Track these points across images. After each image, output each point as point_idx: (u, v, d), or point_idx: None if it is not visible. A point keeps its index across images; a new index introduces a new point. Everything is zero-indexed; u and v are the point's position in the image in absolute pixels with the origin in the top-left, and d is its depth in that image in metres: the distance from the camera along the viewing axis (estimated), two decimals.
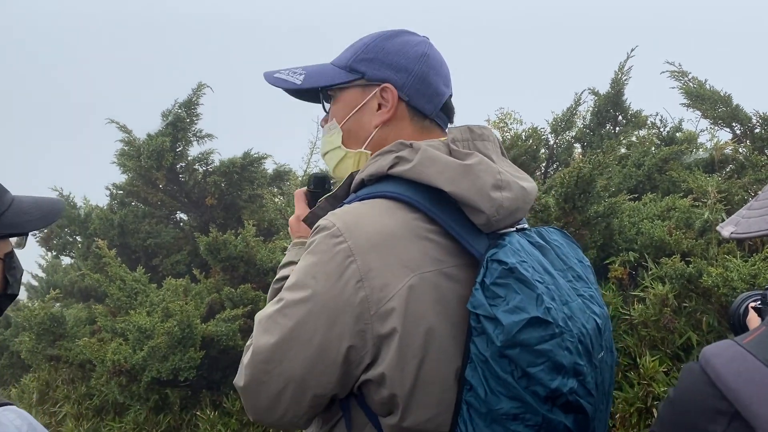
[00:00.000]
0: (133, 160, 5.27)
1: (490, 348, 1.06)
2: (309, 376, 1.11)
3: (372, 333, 1.10)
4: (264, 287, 4.50)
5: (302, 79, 1.35)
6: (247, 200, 5.55)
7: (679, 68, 5.08)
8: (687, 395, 0.94)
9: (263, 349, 1.13)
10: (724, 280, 3.13)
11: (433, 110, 1.31)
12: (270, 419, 1.16)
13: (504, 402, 1.06)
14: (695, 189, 4.12)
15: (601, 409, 1.22)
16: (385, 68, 1.29)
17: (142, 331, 3.99)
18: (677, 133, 5.21)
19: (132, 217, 5.45)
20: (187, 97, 5.18)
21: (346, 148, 1.35)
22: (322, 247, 1.14)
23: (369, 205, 1.18)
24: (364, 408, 1.16)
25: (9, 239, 1.33)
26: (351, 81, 1.32)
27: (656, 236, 3.67)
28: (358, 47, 1.34)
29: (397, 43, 1.31)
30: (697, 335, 3.33)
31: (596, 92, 5.36)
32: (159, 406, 4.31)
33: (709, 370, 0.91)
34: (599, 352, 1.19)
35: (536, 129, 5.15)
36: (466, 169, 1.15)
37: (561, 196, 3.56)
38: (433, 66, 1.31)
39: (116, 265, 4.54)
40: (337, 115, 1.36)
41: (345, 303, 1.10)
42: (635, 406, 3.16)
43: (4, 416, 1.08)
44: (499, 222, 1.16)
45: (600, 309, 1.23)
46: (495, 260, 1.10)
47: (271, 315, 1.15)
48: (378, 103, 1.31)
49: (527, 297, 1.08)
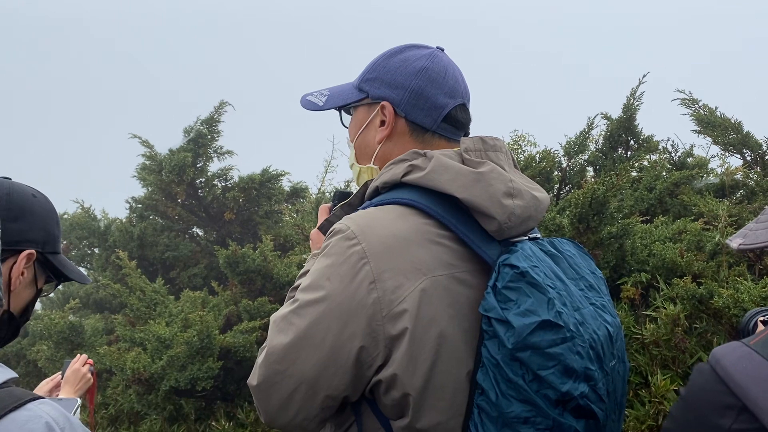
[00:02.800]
0: (154, 174, 5.40)
1: (501, 351, 1.07)
2: (321, 376, 1.12)
3: (384, 334, 1.11)
4: (280, 300, 4.59)
5: (325, 100, 1.43)
6: (263, 216, 5.66)
7: (689, 96, 5.19)
8: (698, 392, 1.00)
9: (277, 349, 1.14)
10: (734, 302, 3.19)
11: (433, 123, 1.33)
12: (281, 420, 1.17)
13: (515, 405, 1.07)
14: (706, 213, 4.20)
15: (613, 419, 1.21)
16: (384, 86, 1.34)
17: (162, 340, 4.07)
18: (688, 158, 5.30)
19: (151, 230, 5.57)
20: (209, 114, 5.31)
21: (358, 164, 1.41)
22: (337, 250, 1.16)
23: (383, 210, 1.21)
24: (376, 412, 1.17)
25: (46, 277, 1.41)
26: (360, 100, 1.38)
27: (668, 258, 3.74)
28: (367, 67, 1.39)
29: (398, 61, 1.35)
30: (707, 355, 3.38)
31: (608, 117, 5.46)
32: (174, 416, 4.38)
33: (719, 368, 0.97)
34: (611, 360, 1.20)
35: (549, 151, 5.25)
36: (478, 176, 1.17)
37: (575, 217, 3.65)
38: (433, 79, 1.32)
39: (136, 276, 4.63)
40: (350, 133, 1.42)
41: (358, 304, 1.11)
42: (646, 423, 3.21)
43: (40, 409, 1.07)
44: (510, 229, 1.18)
45: (612, 318, 1.25)
46: (507, 264, 1.11)
47: (285, 315, 1.17)
48: (380, 120, 1.35)
49: (538, 300, 1.09)
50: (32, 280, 1.35)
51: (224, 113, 5.35)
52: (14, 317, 1.33)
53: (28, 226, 1.32)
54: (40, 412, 1.07)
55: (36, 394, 1.12)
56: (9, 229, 1.28)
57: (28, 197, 1.35)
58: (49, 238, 1.37)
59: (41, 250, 1.34)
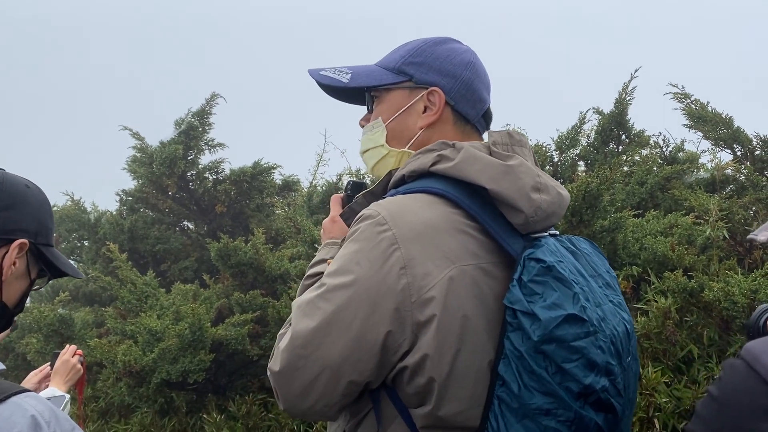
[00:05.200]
0: (144, 167, 5.37)
1: (525, 343, 1.08)
2: (346, 362, 1.11)
3: (411, 320, 1.11)
4: (272, 293, 4.58)
5: (349, 78, 1.39)
6: (255, 209, 5.64)
7: (681, 90, 5.21)
8: (733, 393, 0.90)
9: (302, 333, 1.13)
10: (725, 295, 3.22)
11: (476, 116, 1.36)
12: (301, 407, 1.16)
13: (537, 397, 1.07)
14: (697, 207, 4.22)
15: (627, 414, 1.21)
16: (434, 72, 1.33)
17: (153, 333, 4.05)
18: (679, 153, 5.33)
19: (141, 222, 5.54)
20: (200, 107, 5.29)
21: (389, 147, 1.38)
22: (367, 235, 1.16)
23: (412, 198, 1.21)
24: (395, 400, 1.17)
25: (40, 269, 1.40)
26: (399, 83, 1.36)
27: (659, 251, 3.76)
28: (407, 50, 1.37)
29: (446, 50, 1.36)
30: (698, 348, 3.42)
31: (600, 111, 5.48)
32: (164, 409, 4.36)
33: (759, 366, 0.87)
34: (627, 357, 1.21)
35: (541, 146, 5.26)
36: (507, 169, 1.18)
37: (568, 210, 3.66)
38: (479, 74, 1.36)
39: (127, 269, 4.60)
40: (382, 115, 1.38)
41: (387, 289, 1.11)
42: (637, 415, 3.23)
43: (26, 402, 1.07)
44: (536, 223, 1.19)
45: (628, 316, 1.26)
46: (533, 258, 1.12)
47: (311, 300, 1.16)
48: (424, 106, 1.34)
49: (564, 295, 1.10)
50: (25, 271, 1.33)
51: (215, 105, 5.32)
52: (7, 308, 1.32)
53: (20, 215, 1.30)
54: (25, 405, 1.06)
55: (23, 387, 1.11)
56: (1, 217, 1.27)
57: (22, 187, 1.34)
58: (41, 229, 1.35)
59: (34, 240, 1.32)
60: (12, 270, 1.28)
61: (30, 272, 1.35)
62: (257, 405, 4.12)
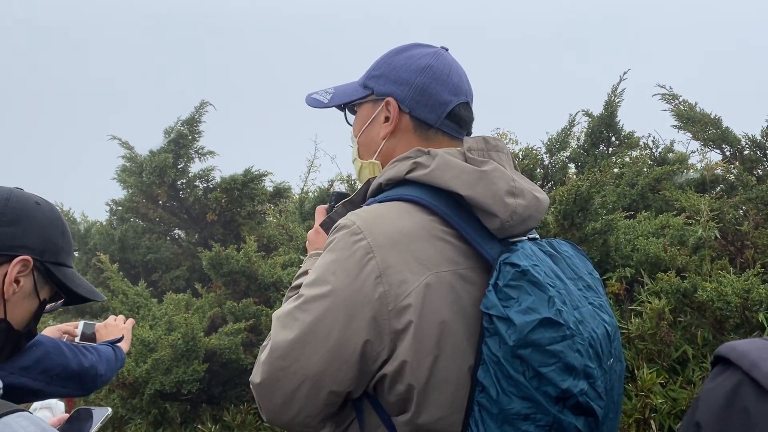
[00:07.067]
0: (134, 176, 5.33)
1: (502, 348, 1.08)
2: (325, 372, 1.12)
3: (389, 328, 1.12)
4: (265, 302, 4.55)
5: (329, 98, 1.45)
6: (246, 217, 5.61)
7: (670, 91, 5.24)
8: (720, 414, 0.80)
9: (281, 345, 1.14)
10: (718, 295, 3.23)
11: (437, 120, 1.34)
12: (284, 419, 1.16)
13: (515, 402, 1.08)
14: (688, 208, 4.24)
15: (611, 417, 1.23)
16: (390, 83, 1.36)
17: (146, 344, 4.02)
18: (669, 154, 5.36)
19: (132, 232, 5.50)
20: (189, 115, 5.26)
21: (361, 159, 1.42)
22: (342, 245, 1.17)
23: (388, 206, 1.22)
24: (377, 409, 1.17)
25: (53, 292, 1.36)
26: (364, 97, 1.40)
27: (651, 253, 3.77)
28: (372, 64, 1.42)
29: (403, 58, 1.37)
30: (692, 348, 3.43)
31: (590, 114, 5.51)
32: (158, 420, 4.32)
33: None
34: (609, 359, 1.21)
35: (532, 149, 5.27)
36: (481, 174, 1.19)
37: (560, 213, 3.66)
38: (437, 76, 1.34)
39: (119, 279, 4.57)
40: (354, 129, 1.44)
41: (364, 298, 1.12)
42: (633, 417, 3.23)
43: (16, 422, 1.03)
44: (512, 228, 1.19)
45: (609, 318, 1.26)
46: (508, 263, 1.12)
47: (290, 311, 1.17)
48: (384, 116, 1.36)
49: (539, 299, 1.10)
50: (32, 290, 1.29)
51: (205, 113, 5.29)
52: (13, 328, 1.28)
53: (22, 231, 1.27)
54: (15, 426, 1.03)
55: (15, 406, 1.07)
56: (3, 233, 1.24)
57: (30, 204, 1.31)
58: (48, 246, 1.31)
59: (39, 258, 1.29)
60: (14, 288, 1.25)
61: (39, 292, 1.31)
62: (252, 414, 4.09)
